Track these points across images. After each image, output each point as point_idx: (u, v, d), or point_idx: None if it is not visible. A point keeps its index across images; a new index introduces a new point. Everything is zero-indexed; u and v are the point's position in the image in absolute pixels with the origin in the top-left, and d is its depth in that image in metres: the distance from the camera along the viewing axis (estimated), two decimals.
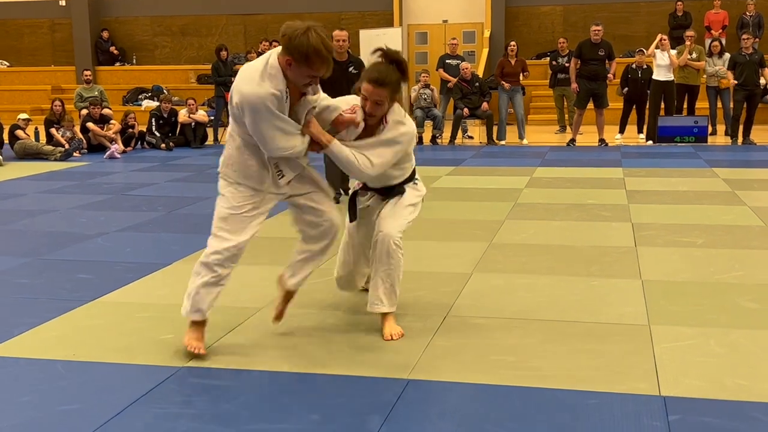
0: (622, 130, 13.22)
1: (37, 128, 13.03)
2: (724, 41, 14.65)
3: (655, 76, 12.81)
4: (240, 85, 3.47)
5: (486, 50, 17.37)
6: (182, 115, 13.24)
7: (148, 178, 9.68)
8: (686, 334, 3.87)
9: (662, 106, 12.94)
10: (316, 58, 3.39)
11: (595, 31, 12.41)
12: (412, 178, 4.06)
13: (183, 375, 3.46)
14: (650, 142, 12.71)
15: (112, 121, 12.81)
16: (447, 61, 13.96)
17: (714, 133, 13.50)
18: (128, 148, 12.66)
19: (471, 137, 13.93)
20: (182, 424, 3.00)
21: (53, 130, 12.34)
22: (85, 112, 13.06)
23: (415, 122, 13.84)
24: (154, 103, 16.13)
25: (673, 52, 13.06)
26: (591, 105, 12.44)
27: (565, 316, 4.19)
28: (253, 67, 3.50)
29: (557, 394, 3.22)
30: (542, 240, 5.97)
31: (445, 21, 18.28)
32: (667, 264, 5.26)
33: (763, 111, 14.11)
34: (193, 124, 13.23)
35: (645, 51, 13.18)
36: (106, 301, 4.58)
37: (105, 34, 19.83)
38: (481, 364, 3.54)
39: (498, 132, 13.12)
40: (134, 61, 20.06)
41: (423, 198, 4.13)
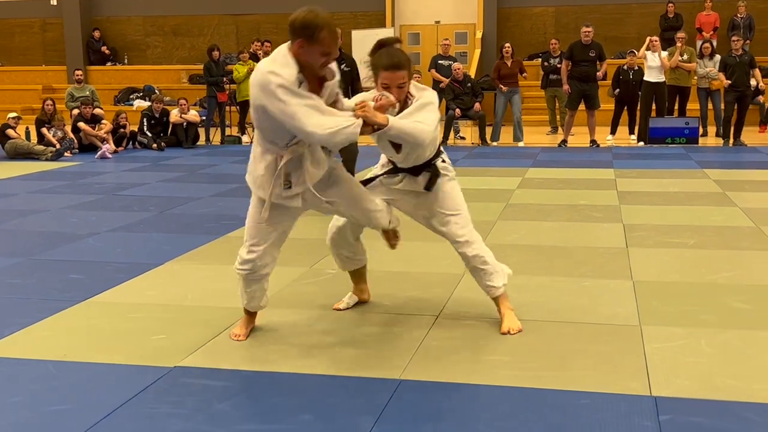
0: (613, 131, 13.26)
1: (28, 128, 12.98)
2: (715, 43, 14.72)
3: (646, 78, 12.86)
4: (252, 80, 3.40)
5: (478, 51, 17.41)
6: (174, 115, 13.22)
7: (140, 178, 9.66)
8: (677, 335, 3.89)
9: (653, 107, 12.99)
10: (325, 33, 3.37)
11: (585, 32, 12.45)
12: (440, 153, 4.02)
13: (175, 375, 3.46)
14: (641, 143, 12.76)
15: (104, 121, 12.78)
16: (439, 62, 13.99)
17: (705, 134, 13.55)
18: (119, 148, 12.63)
19: (463, 138, 13.95)
20: (174, 424, 2.99)
21: (44, 130, 12.30)
22: (76, 111, 13.02)
23: None
24: (146, 103, 16.10)
25: (665, 54, 13.11)
26: (582, 106, 12.49)
27: (557, 317, 4.20)
28: (262, 63, 3.46)
29: (549, 394, 3.23)
30: (534, 241, 5.98)
31: (438, 22, 18.31)
32: (658, 265, 5.28)
33: (754, 112, 14.17)
34: (185, 124, 13.21)
35: (636, 52, 13.22)
36: (98, 302, 4.57)
37: (96, 34, 19.78)
38: (473, 365, 3.55)
39: (492, 133, 13.13)
40: (126, 61, 20.01)
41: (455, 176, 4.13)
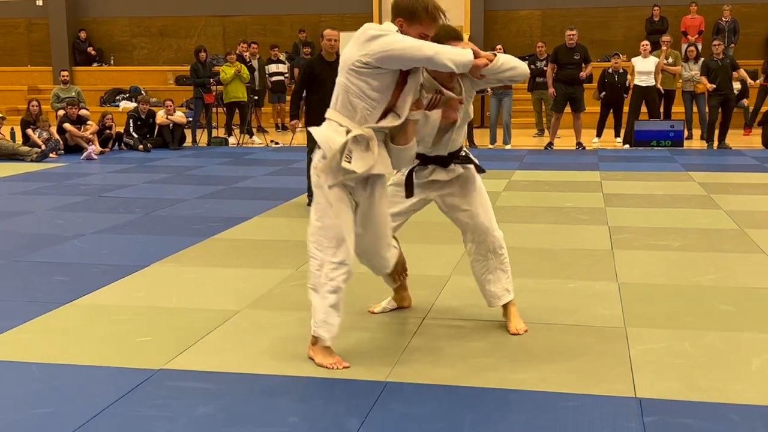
0: (599, 134, 13.31)
1: (13, 129, 12.91)
2: (700, 46, 14.78)
3: (636, 82, 12.97)
4: (363, 36, 3.38)
5: None
6: (160, 116, 13.17)
7: (126, 180, 9.61)
8: (662, 336, 3.91)
9: (644, 111, 13.09)
10: (426, 13, 3.39)
11: (569, 35, 12.51)
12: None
13: (160, 378, 3.44)
14: (627, 146, 12.82)
15: (89, 122, 12.72)
16: None
17: (690, 137, 13.63)
18: (105, 150, 12.57)
19: None
20: (158, 427, 2.98)
21: (29, 131, 12.22)
22: (62, 112, 12.95)
23: None
24: (132, 104, 16.03)
25: (655, 59, 13.19)
26: (568, 109, 12.54)
27: (543, 319, 4.21)
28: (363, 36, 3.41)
29: (534, 396, 3.24)
30: (520, 243, 5.99)
31: None
32: (643, 267, 5.30)
33: (738, 115, 14.26)
34: (171, 125, 13.17)
35: (621, 55, 13.31)
36: (83, 304, 4.55)
37: (83, 35, 19.69)
38: (459, 367, 3.55)
39: (490, 136, 13.20)
40: (112, 62, 19.93)
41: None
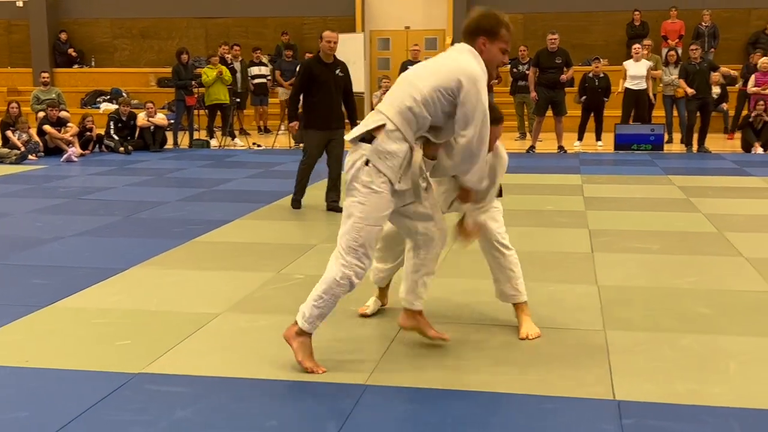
0: (580, 138, 13.39)
1: None
2: (680, 51, 14.90)
3: (627, 85, 13.12)
4: (457, 68, 3.31)
5: None
6: (141, 118, 13.11)
7: (106, 182, 9.56)
8: (640, 339, 3.93)
9: (634, 114, 13.26)
10: (507, 29, 3.42)
11: (551, 39, 12.59)
12: None
13: (138, 381, 3.43)
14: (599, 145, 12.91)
15: (70, 124, 12.63)
16: (408, 67, 13.98)
17: (670, 141, 13.73)
18: (86, 152, 12.48)
19: None
20: (136, 431, 2.97)
21: (9, 133, 12.12)
22: (42, 114, 12.85)
23: None
24: (113, 106, 15.94)
25: (647, 63, 13.31)
26: (550, 112, 12.60)
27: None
28: (462, 56, 3.35)
29: (514, 398, 3.25)
30: None
31: (407, 27, 18.35)
32: (623, 270, 5.33)
33: (717, 120, 14.39)
34: (152, 127, 13.11)
35: (601, 60, 13.41)
36: (62, 307, 4.52)
37: (63, 36, 19.56)
38: (439, 370, 3.56)
39: None
40: (93, 64, 19.80)
41: None
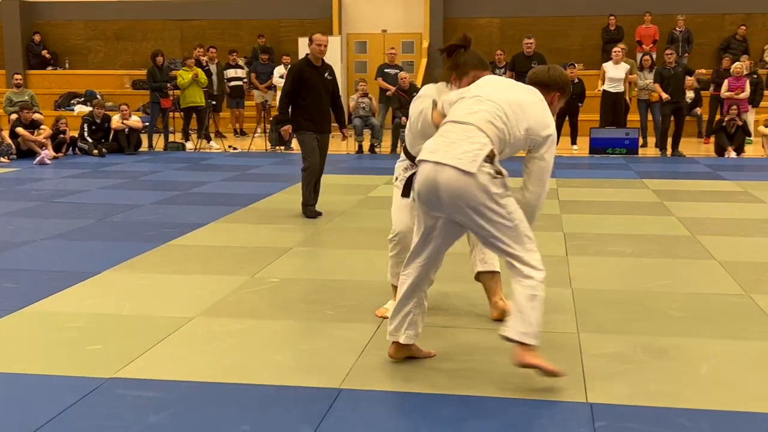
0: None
1: None
2: (654, 55, 15.05)
3: (606, 87, 13.23)
4: (549, 121, 3.56)
5: (425, 60, 17.50)
6: (115, 120, 13.01)
7: (80, 185, 9.47)
8: (614, 342, 3.95)
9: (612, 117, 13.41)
10: (569, 88, 3.84)
11: (527, 44, 12.65)
12: None
13: (110, 386, 3.39)
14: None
15: (43, 126, 12.51)
16: (385, 71, 14.04)
17: (645, 144, 13.85)
18: (59, 154, 12.37)
19: None
20: None
21: None
22: (14, 116, 12.72)
23: (353, 131, 13.76)
24: (87, 109, 15.80)
25: (626, 66, 13.42)
26: None
27: (497, 325, 4.22)
28: (546, 107, 3.61)
29: (488, 401, 3.25)
30: None
31: (385, 31, 18.36)
32: (597, 273, 5.36)
33: (691, 124, 14.53)
34: (127, 130, 13.01)
35: (576, 65, 13.53)
36: (32, 311, 4.46)
37: (37, 38, 19.36)
38: (414, 373, 3.55)
39: None
40: (67, 66, 19.63)
41: None
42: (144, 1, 19.02)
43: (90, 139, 12.76)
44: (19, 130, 12.23)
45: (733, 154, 12.67)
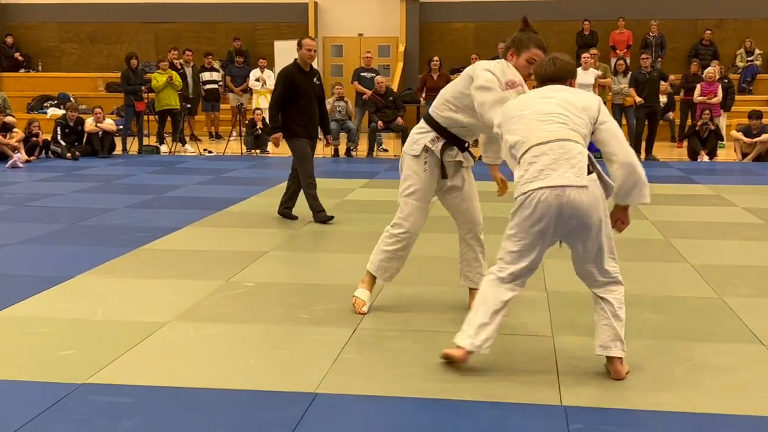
0: None
1: None
2: (628, 60, 15.16)
3: None
4: (595, 96, 3.77)
5: (401, 64, 17.55)
6: (89, 123, 12.90)
7: (52, 189, 9.37)
8: (588, 345, 3.94)
9: None
10: None
11: (502, 48, 12.68)
12: None
13: (82, 392, 3.35)
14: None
15: (15, 130, 12.36)
16: (362, 74, 14.06)
17: None
18: (32, 158, 12.24)
19: (386, 150, 14.01)
20: None
21: None
22: None
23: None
24: (60, 111, 15.64)
25: (595, 72, 13.50)
26: None
27: None
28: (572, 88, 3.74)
29: (463, 405, 3.25)
30: (453, 252, 6.00)
31: (361, 34, 18.38)
32: (572, 276, 5.34)
33: (664, 128, 14.67)
34: (101, 133, 12.90)
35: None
36: (4, 316, 4.40)
37: (9, 40, 19.16)
38: (390, 377, 3.55)
39: None
40: (40, 68, 19.44)
41: None
42: (118, 3, 18.88)
43: (63, 143, 12.65)
44: None
45: (706, 158, 12.81)
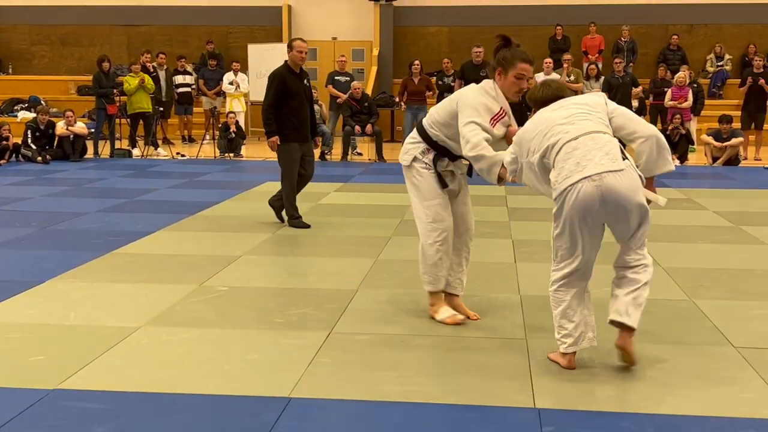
0: None
1: None
2: (600, 65, 15.31)
3: None
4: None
5: (375, 68, 17.57)
6: (60, 127, 12.76)
7: (23, 193, 9.25)
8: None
9: None
10: None
11: (476, 52, 12.78)
12: None
13: (53, 398, 3.31)
14: None
15: None
16: (336, 78, 14.06)
17: None
18: (2, 161, 12.08)
19: (360, 154, 14.01)
20: None
21: None
22: None
23: None
24: (31, 115, 15.47)
25: (557, 76, 13.59)
26: None
27: (447, 332, 4.25)
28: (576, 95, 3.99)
29: (438, 408, 3.26)
30: None
31: (335, 38, 18.36)
32: (545, 279, 5.37)
33: None
34: (72, 136, 12.78)
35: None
36: None
37: None
38: (364, 381, 3.55)
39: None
40: (10, 71, 19.21)
41: None
42: (90, 5, 18.71)
43: (34, 146, 12.51)
44: None
45: (677, 162, 12.95)
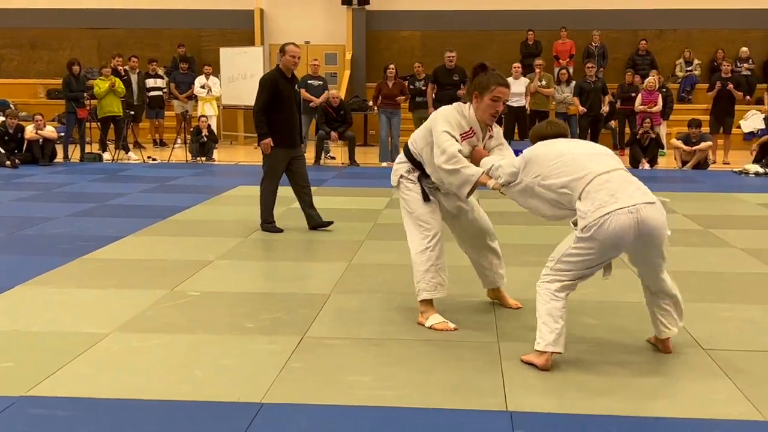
0: None
1: None
2: (571, 70, 15.43)
3: (508, 103, 13.41)
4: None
5: (347, 72, 17.57)
6: (29, 131, 12.63)
7: None
8: (531, 350, 4.00)
9: (516, 131, 13.56)
10: None
11: (449, 57, 12.84)
12: None
13: (22, 406, 3.27)
14: None
15: None
16: (309, 82, 14.05)
17: None
18: None
19: (333, 158, 14.00)
20: None
21: None
22: None
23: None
24: (0, 118, 15.28)
25: (526, 80, 13.69)
26: None
27: (420, 335, 4.26)
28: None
29: (408, 412, 3.26)
30: (401, 260, 6.04)
31: (308, 42, 18.34)
32: (519, 282, 5.43)
33: (606, 136, 14.94)
34: (41, 140, 12.64)
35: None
36: None
37: None
38: (337, 386, 3.54)
39: (380, 154, 13.38)
40: None
41: None
42: (60, 8, 18.53)
43: (2, 150, 12.36)
44: None
45: (647, 166, 13.08)
